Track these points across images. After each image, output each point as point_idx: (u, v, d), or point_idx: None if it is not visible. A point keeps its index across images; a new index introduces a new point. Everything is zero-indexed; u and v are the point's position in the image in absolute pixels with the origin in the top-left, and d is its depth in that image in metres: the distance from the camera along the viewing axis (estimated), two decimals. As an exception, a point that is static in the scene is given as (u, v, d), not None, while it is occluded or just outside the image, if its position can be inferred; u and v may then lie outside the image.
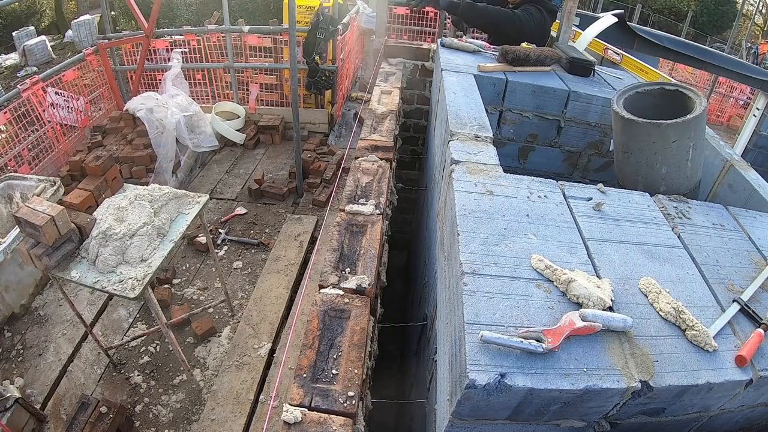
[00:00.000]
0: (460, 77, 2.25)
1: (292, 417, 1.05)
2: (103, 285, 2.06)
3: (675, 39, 3.97)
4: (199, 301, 3.29)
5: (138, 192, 2.44)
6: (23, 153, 4.12)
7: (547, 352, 0.89)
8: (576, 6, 2.87)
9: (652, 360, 0.93)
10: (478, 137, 1.66)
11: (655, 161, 1.57)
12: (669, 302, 1.03)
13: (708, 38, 14.54)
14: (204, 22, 7.95)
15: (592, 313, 0.95)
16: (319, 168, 4.65)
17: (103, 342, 2.80)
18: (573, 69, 2.54)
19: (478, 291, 1.01)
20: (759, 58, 12.68)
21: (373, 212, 1.73)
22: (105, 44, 4.92)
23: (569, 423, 1.00)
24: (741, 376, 0.94)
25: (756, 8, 15.26)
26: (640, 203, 1.41)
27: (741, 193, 1.69)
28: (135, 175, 4.25)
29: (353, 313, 1.33)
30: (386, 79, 3.06)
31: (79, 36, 10.58)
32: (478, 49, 2.67)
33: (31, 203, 2.07)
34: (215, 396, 2.64)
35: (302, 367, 1.17)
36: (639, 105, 1.66)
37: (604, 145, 2.50)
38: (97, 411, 2.35)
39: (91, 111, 5.03)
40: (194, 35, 5.60)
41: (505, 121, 2.47)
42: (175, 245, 2.27)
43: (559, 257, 1.14)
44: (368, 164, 2.03)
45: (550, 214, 1.29)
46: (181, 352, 2.53)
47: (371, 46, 3.58)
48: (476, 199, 1.29)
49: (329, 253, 1.53)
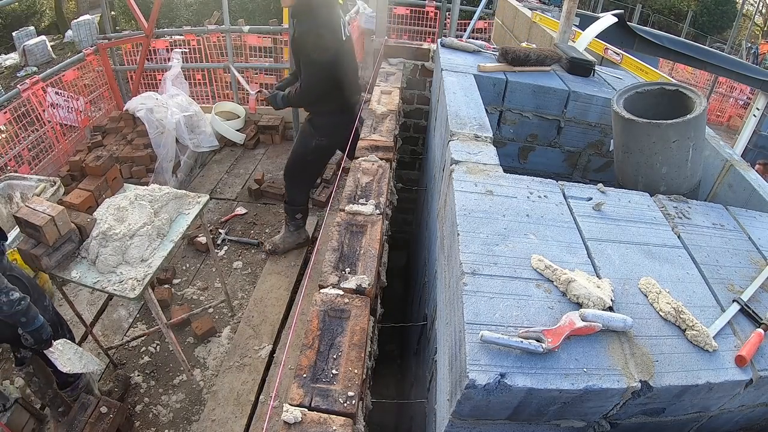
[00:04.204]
0: (460, 77, 2.25)
1: (292, 417, 1.05)
2: (103, 285, 2.06)
3: (675, 39, 3.97)
4: (199, 301, 3.29)
5: (138, 192, 2.44)
6: (23, 153, 4.12)
7: (547, 352, 0.89)
8: (576, 6, 2.87)
9: (652, 360, 0.93)
10: (478, 137, 1.66)
11: (655, 161, 1.57)
12: (669, 302, 1.03)
13: (708, 38, 14.54)
14: (204, 22, 7.96)
15: (592, 313, 0.95)
16: (319, 168, 4.64)
17: (103, 342, 2.80)
18: (573, 69, 2.54)
19: (478, 291, 1.01)
20: (759, 58, 12.67)
21: (373, 212, 1.73)
22: (105, 44, 4.93)
23: (569, 423, 1.00)
24: (741, 376, 0.94)
25: (756, 8, 15.26)
26: (640, 203, 1.41)
27: (741, 193, 1.69)
28: (135, 175, 4.25)
29: (353, 313, 1.33)
30: (386, 79, 3.06)
31: (79, 36, 10.59)
32: (478, 49, 2.67)
33: (31, 203, 2.07)
34: (215, 396, 2.64)
35: (302, 367, 1.17)
36: (639, 105, 1.67)
37: (604, 145, 2.50)
38: (97, 411, 2.35)
39: (91, 111, 5.03)
40: (194, 35, 5.61)
41: (505, 121, 2.47)
42: (175, 245, 2.27)
43: (559, 257, 1.14)
44: (368, 164, 2.03)
45: (550, 214, 1.29)
46: (181, 353, 2.53)
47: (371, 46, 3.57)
48: (476, 199, 1.29)
49: (329, 253, 1.53)
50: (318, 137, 3.15)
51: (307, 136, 3.19)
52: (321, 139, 3.16)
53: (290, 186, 3.42)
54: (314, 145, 3.17)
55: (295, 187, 3.41)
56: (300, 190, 3.43)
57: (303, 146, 3.23)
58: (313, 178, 3.51)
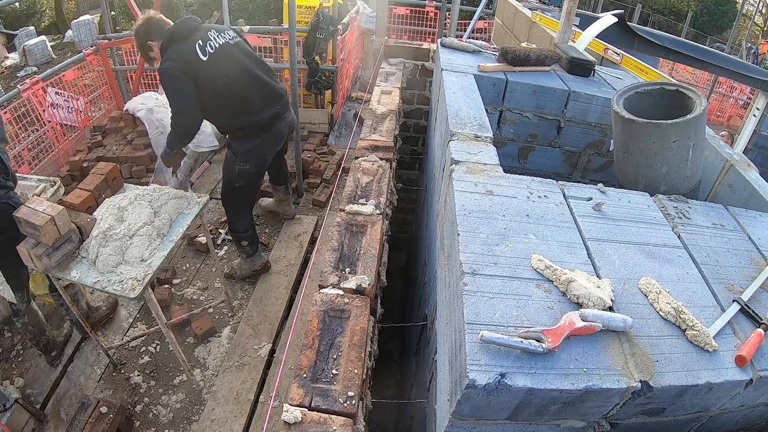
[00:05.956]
0: (460, 77, 2.25)
1: (292, 417, 1.05)
2: (103, 285, 2.06)
3: (675, 39, 3.97)
4: (199, 301, 3.28)
5: (138, 192, 2.44)
6: (23, 153, 4.12)
7: (547, 352, 0.89)
8: (576, 6, 2.87)
9: (652, 360, 0.93)
10: (478, 137, 1.66)
11: (655, 161, 1.57)
12: (669, 302, 1.03)
13: (708, 38, 14.54)
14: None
15: (592, 313, 0.95)
16: (319, 168, 4.64)
17: (103, 342, 2.80)
18: (573, 69, 2.55)
19: (478, 291, 1.01)
20: (759, 58, 12.67)
21: (373, 212, 1.73)
22: (105, 44, 4.93)
23: (569, 423, 1.00)
24: (741, 376, 0.94)
25: (756, 8, 15.26)
26: (640, 203, 1.41)
27: (741, 193, 1.69)
28: (135, 175, 4.24)
29: (353, 313, 1.33)
30: (386, 79, 3.07)
31: (79, 36, 10.59)
32: (478, 49, 2.67)
33: (31, 203, 2.07)
34: (215, 396, 2.64)
35: (302, 367, 1.17)
36: (639, 105, 1.67)
37: (604, 145, 2.50)
38: (97, 411, 2.35)
39: (91, 111, 5.03)
40: (194, 35, 5.59)
41: (505, 121, 2.47)
42: (175, 245, 2.27)
43: (559, 257, 1.14)
44: (368, 164, 2.03)
45: (550, 214, 1.29)
46: (181, 352, 2.53)
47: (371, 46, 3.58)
48: (476, 199, 1.29)
49: (329, 253, 1.53)
50: (240, 162, 2.87)
51: (229, 162, 2.92)
52: (243, 164, 2.88)
53: (228, 213, 3.14)
54: (238, 171, 2.89)
55: (233, 214, 3.11)
56: (239, 217, 3.11)
57: (228, 173, 2.95)
58: (248, 202, 3.16)
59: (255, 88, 2.77)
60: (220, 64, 2.60)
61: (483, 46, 2.70)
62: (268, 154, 3.04)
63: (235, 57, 2.71)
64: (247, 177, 2.95)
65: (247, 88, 2.72)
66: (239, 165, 2.88)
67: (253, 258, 3.33)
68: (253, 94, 2.76)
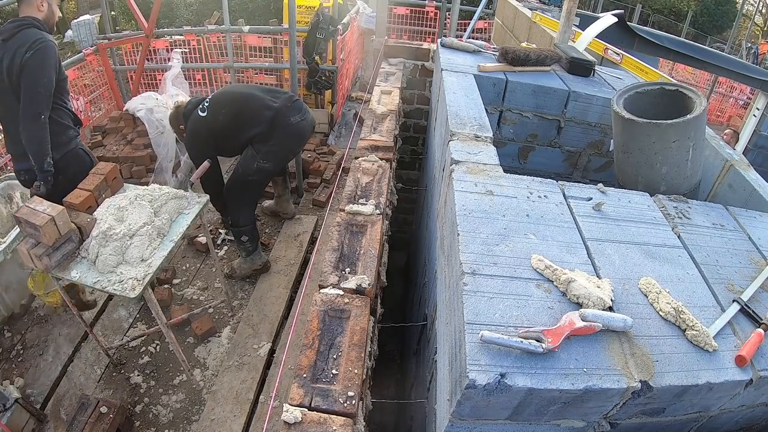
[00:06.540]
0: (460, 77, 2.25)
1: (292, 417, 1.05)
2: (104, 285, 2.06)
3: (675, 39, 3.97)
4: (199, 301, 3.28)
5: (138, 192, 2.44)
6: (23, 153, 4.12)
7: (547, 352, 0.89)
8: (576, 6, 2.87)
9: (652, 360, 0.93)
10: (478, 137, 1.66)
11: (655, 161, 1.57)
12: (669, 302, 1.03)
13: (708, 38, 14.54)
14: (204, 22, 7.96)
15: (592, 313, 0.95)
16: (319, 168, 4.64)
17: (103, 342, 2.80)
18: (573, 69, 2.55)
19: (478, 291, 1.01)
20: (759, 58, 12.67)
21: (373, 212, 1.73)
22: (105, 44, 4.93)
23: (569, 423, 1.00)
24: (741, 376, 0.94)
25: (756, 8, 15.26)
26: (640, 203, 1.41)
27: (741, 193, 1.69)
28: (135, 175, 4.24)
29: (353, 313, 1.33)
30: (386, 79, 3.07)
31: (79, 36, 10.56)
32: (478, 49, 2.67)
33: (31, 203, 2.07)
34: (215, 396, 2.64)
35: (302, 367, 1.17)
36: (639, 105, 1.67)
37: (604, 145, 2.50)
38: (97, 411, 2.35)
39: (91, 111, 5.03)
40: (194, 35, 5.61)
41: (505, 121, 2.47)
42: (175, 245, 2.27)
43: (559, 257, 1.14)
44: (368, 164, 2.03)
45: (550, 214, 1.29)
46: (181, 352, 2.53)
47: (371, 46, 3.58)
48: (476, 199, 1.29)
49: (329, 253, 1.53)
50: (260, 159, 3.07)
51: (249, 158, 3.10)
52: (263, 161, 3.08)
53: (232, 206, 3.26)
54: (256, 167, 3.08)
55: (236, 207, 3.23)
56: (242, 210, 3.22)
57: (245, 167, 3.12)
58: (254, 197, 3.31)
59: (251, 96, 3.11)
60: (215, 104, 3.06)
61: (483, 46, 2.70)
62: (289, 154, 3.33)
63: (226, 90, 3.23)
64: (263, 173, 3.16)
65: (245, 101, 3.08)
66: (259, 161, 3.08)
67: (253, 256, 3.35)
68: (252, 100, 3.08)
